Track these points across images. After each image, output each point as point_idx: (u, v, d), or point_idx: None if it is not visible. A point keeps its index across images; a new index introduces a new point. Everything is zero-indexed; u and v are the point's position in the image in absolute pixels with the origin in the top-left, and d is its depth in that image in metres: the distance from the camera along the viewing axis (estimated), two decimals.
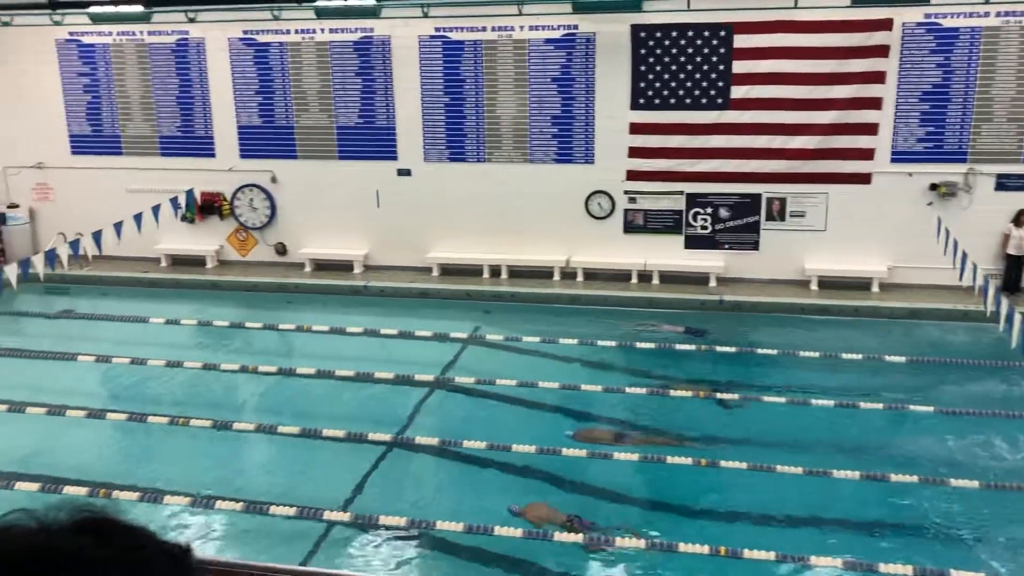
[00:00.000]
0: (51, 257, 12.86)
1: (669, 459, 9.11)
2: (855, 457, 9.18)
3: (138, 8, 15.07)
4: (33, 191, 17.16)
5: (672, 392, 10.74)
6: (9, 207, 16.95)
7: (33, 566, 0.99)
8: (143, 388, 11.48)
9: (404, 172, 15.65)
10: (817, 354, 11.90)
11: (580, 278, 15.17)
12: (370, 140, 15.67)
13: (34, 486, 8.72)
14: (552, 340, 12.47)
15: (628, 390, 10.90)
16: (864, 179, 14.27)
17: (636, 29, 14.27)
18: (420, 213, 15.66)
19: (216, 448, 9.71)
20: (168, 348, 12.56)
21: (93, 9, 15.14)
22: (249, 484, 8.87)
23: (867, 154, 14.15)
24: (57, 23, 15.66)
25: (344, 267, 16.00)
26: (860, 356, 11.80)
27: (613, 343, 12.33)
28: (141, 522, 1.13)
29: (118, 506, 7.87)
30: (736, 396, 10.59)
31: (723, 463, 8.96)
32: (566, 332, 12.74)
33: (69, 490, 8.60)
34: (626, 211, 15.08)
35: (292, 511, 8.16)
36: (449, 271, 15.68)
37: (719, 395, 10.65)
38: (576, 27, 14.54)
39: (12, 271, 12.19)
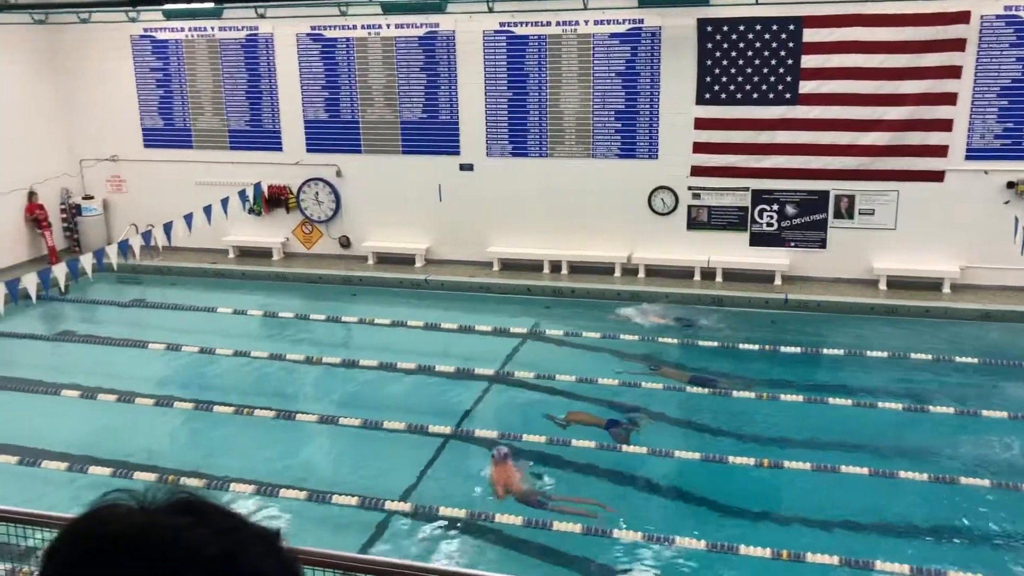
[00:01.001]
0: (124, 247, 13.26)
1: (731, 459, 9.01)
2: (923, 460, 8.97)
3: (210, 4, 15.36)
4: (107, 183, 17.66)
5: (735, 393, 10.60)
6: (84, 198, 17.48)
7: (134, 544, 1.03)
8: (210, 377, 11.75)
9: (466, 167, 15.71)
10: (885, 354, 11.64)
11: (642, 274, 15.05)
12: (433, 135, 15.76)
13: (106, 471, 9.00)
14: (613, 336, 12.40)
15: (689, 389, 10.81)
16: (937, 177, 13.88)
17: (702, 23, 14.08)
18: (481, 208, 15.70)
19: (280, 437, 9.89)
20: (235, 338, 12.83)
21: (167, 5, 15.49)
22: (311, 473, 9.02)
23: (940, 151, 13.76)
24: (132, 20, 16.06)
25: (406, 260, 16.13)
26: (930, 357, 11.51)
27: (675, 340, 12.22)
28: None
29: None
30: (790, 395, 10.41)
31: (786, 464, 8.84)
32: (627, 328, 12.67)
33: (139, 475, 8.86)
34: (690, 207, 14.90)
35: (354, 500, 8.28)
36: (509, 266, 15.70)
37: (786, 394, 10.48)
38: (642, 21, 14.42)
39: (87, 260, 12.60)
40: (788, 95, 13.99)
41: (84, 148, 17.52)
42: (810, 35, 13.73)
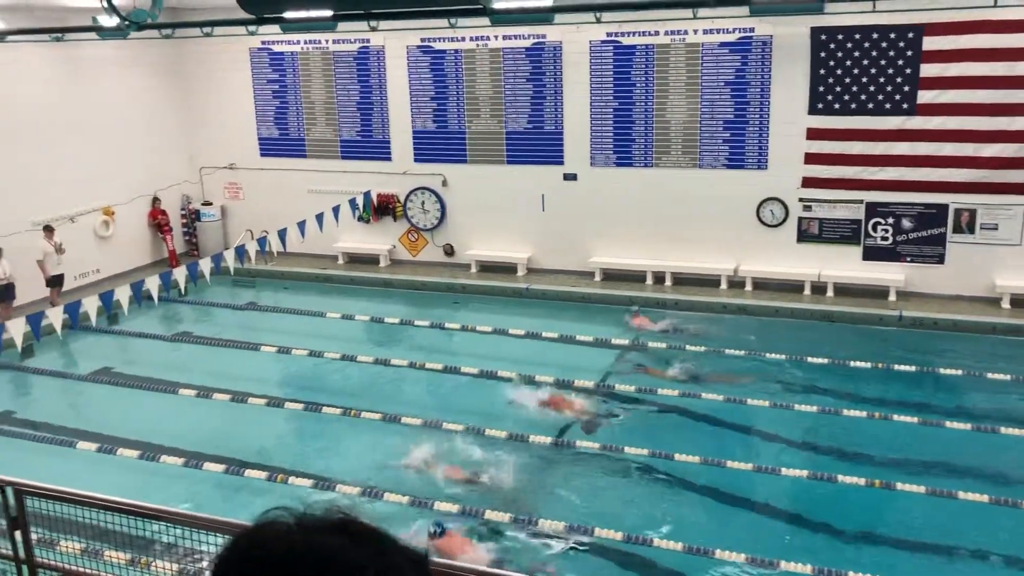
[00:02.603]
0: (240, 252, 13.78)
1: (840, 478, 8.74)
2: None
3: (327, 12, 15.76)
4: (225, 190, 18.39)
5: (846, 412, 10.25)
6: (204, 204, 18.24)
7: (294, 563, 1.07)
8: (319, 379, 12.07)
9: (570, 176, 15.73)
10: (1008, 377, 11.08)
11: (749, 287, 14.74)
12: (538, 145, 15.83)
13: (219, 467, 9.35)
14: (717, 351, 12.17)
15: (797, 407, 10.51)
16: None
17: (816, 31, 13.73)
18: (584, 217, 15.68)
19: (385, 440, 10.06)
20: (343, 342, 13.15)
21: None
22: (415, 479, 9.13)
23: None
24: (252, 33, 16.67)
25: (508, 269, 16.24)
26: None
27: (783, 356, 11.90)
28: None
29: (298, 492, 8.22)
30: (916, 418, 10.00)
31: (899, 486, 8.52)
32: (733, 343, 12.41)
33: (250, 473, 9.16)
34: (800, 219, 14.52)
35: (455, 508, 8.36)
36: (611, 276, 15.61)
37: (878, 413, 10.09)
38: (752, 30, 14.15)
39: (206, 264, 13.15)
40: (906, 105, 13.49)
41: (204, 156, 18.29)
42: (931, 43, 13.21)
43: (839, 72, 13.73)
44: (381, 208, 16.95)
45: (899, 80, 13.46)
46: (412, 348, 13.13)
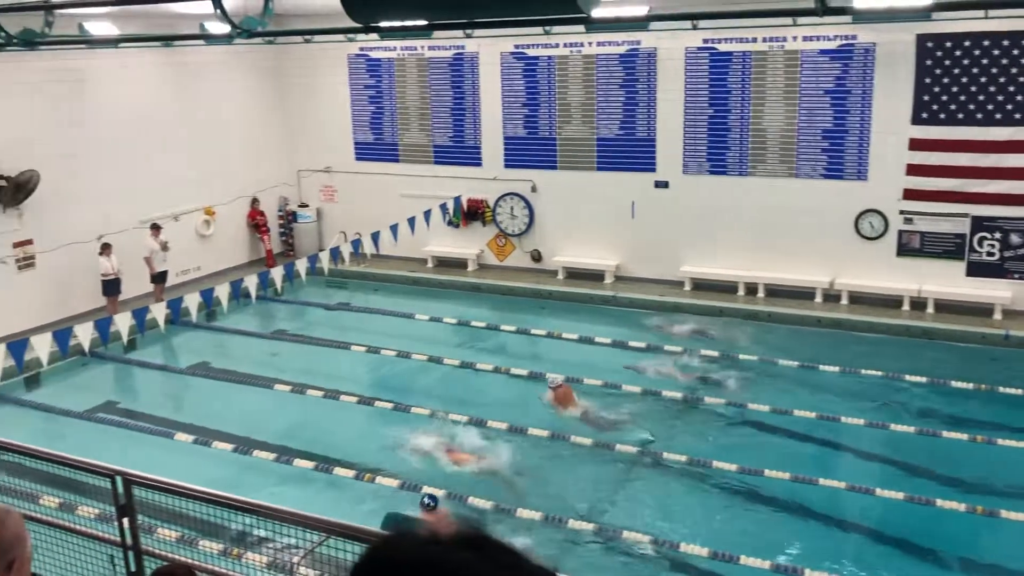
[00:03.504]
0: (335, 253, 14.09)
1: (939, 502, 8.42)
2: None
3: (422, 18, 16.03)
4: (321, 192, 18.82)
5: (945, 434, 9.87)
6: (300, 206, 18.70)
7: (425, 574, 1.11)
8: (407, 380, 12.24)
9: (661, 184, 15.57)
10: None
11: (844, 301, 14.33)
12: (629, 152, 15.72)
13: (309, 464, 9.57)
14: (811, 366, 11.87)
15: (893, 427, 10.16)
16: None
17: (922, 39, 13.27)
18: (675, 226, 15.49)
19: (470, 445, 10.11)
20: (430, 344, 13.31)
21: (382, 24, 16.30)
22: (498, 485, 9.16)
23: None
24: (350, 39, 17.02)
25: (596, 276, 16.16)
26: None
27: (879, 373, 11.53)
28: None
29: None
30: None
31: (1003, 513, 8.16)
32: (827, 358, 12.07)
33: (338, 471, 9.34)
34: (901, 232, 14.04)
35: (538, 516, 8.36)
36: (702, 286, 15.37)
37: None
38: (855, 37, 13.77)
39: (301, 265, 13.47)
40: (1019, 115, 12.92)
41: (302, 159, 18.75)
42: None
43: (946, 80, 13.25)
44: (470, 213, 17.09)
45: (1011, 89, 12.90)
46: (497, 352, 13.20)
